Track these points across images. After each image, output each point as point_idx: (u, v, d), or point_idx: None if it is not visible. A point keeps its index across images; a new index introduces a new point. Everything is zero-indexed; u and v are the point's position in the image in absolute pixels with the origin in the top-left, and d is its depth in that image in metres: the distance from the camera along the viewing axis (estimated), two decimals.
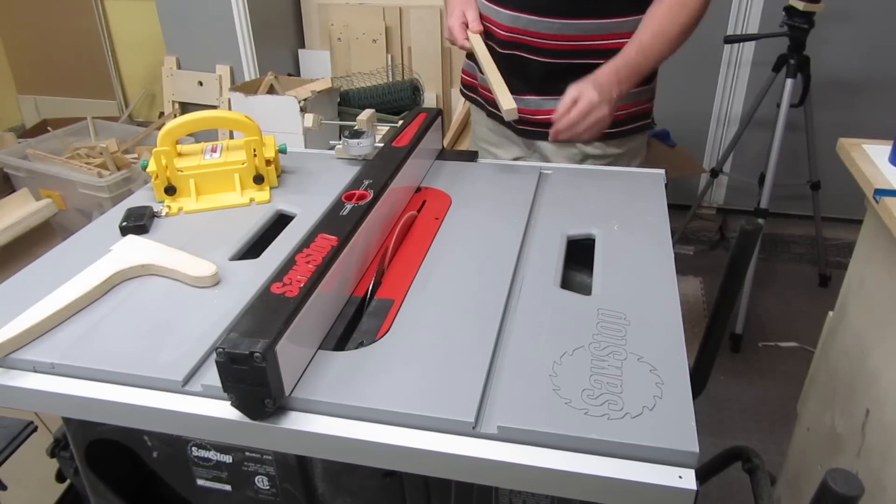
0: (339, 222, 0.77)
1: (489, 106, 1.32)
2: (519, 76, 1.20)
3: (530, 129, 1.25)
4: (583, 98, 1.07)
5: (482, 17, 1.24)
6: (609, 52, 1.14)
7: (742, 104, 2.62)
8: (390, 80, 2.81)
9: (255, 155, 0.98)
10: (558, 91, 1.12)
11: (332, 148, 1.10)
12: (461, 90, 1.43)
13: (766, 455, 0.81)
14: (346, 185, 0.88)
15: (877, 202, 1.00)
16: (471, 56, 1.32)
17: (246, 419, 0.61)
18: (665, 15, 1.13)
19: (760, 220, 2.06)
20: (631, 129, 1.25)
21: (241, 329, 0.59)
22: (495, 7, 1.20)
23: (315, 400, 0.62)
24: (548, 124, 1.21)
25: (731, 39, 2.24)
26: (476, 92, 1.36)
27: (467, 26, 1.24)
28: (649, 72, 1.17)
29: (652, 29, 1.13)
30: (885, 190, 1.01)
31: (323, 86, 2.46)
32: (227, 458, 0.70)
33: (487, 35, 1.25)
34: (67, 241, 0.89)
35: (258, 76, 2.64)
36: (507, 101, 1.09)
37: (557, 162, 1.21)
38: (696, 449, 0.55)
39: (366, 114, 1.09)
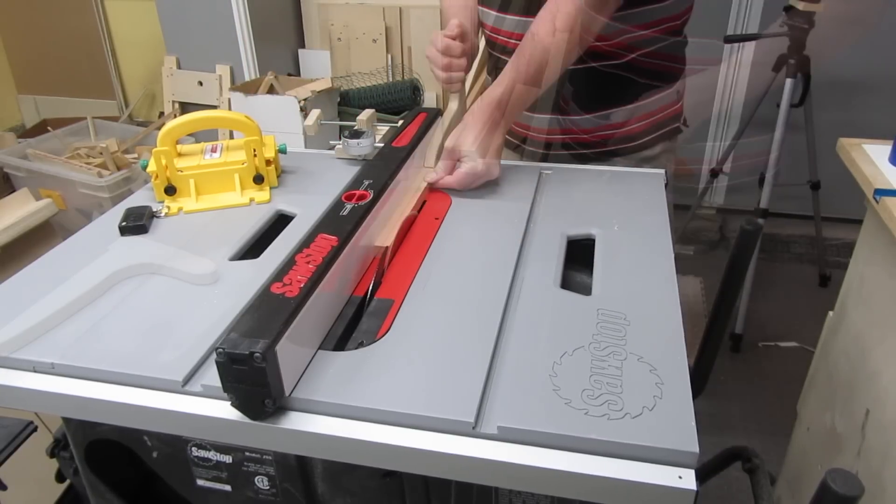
0: (339, 222, 0.77)
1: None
2: None
3: (530, 150, 1.21)
4: (462, 167, 0.99)
5: (486, 27, 1.17)
6: (606, 56, 1.05)
7: (742, 104, 2.63)
8: (390, 80, 2.81)
9: (255, 155, 0.98)
10: (549, 108, 1.06)
11: (332, 148, 1.10)
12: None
13: (766, 455, 0.81)
14: (346, 185, 0.88)
15: (877, 202, 1.01)
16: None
17: (246, 419, 0.61)
18: (542, 17, 0.98)
19: (760, 220, 2.06)
20: (650, 139, 1.16)
21: (241, 329, 0.59)
22: (484, 9, 1.14)
23: (315, 400, 0.62)
24: (549, 144, 1.16)
25: (731, 39, 2.24)
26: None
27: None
28: (539, 90, 1.01)
29: (531, 42, 0.98)
30: (885, 190, 1.01)
31: (323, 86, 2.46)
32: (227, 459, 0.70)
33: (489, 44, 1.19)
34: (67, 241, 0.89)
35: (258, 76, 2.64)
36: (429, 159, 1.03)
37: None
38: (696, 449, 0.55)
39: (366, 114, 1.09)
